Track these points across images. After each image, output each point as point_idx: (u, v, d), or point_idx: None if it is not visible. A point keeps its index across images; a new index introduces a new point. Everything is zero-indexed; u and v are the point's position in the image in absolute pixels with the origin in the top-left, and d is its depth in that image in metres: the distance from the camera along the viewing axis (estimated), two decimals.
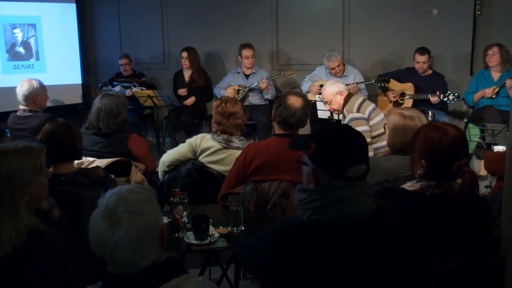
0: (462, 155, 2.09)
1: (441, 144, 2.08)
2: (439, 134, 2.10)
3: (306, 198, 1.67)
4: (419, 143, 2.16)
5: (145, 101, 6.11)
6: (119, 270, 1.45)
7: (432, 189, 2.09)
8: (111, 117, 3.60)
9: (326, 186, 1.67)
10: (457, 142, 2.09)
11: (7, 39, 6.50)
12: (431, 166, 2.09)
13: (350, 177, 1.65)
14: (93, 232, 1.44)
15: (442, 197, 2.05)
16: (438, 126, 2.18)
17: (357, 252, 1.65)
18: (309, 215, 1.66)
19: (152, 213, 1.48)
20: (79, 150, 2.85)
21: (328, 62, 5.88)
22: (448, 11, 5.96)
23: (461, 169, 2.06)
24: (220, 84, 6.48)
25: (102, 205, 1.46)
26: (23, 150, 1.94)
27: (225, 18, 6.82)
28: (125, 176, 3.37)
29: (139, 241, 1.42)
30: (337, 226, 1.63)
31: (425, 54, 5.65)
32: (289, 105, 3.00)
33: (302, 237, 1.63)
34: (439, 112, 5.44)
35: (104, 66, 7.49)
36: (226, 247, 2.56)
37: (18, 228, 1.79)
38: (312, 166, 1.70)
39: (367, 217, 1.67)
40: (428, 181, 2.11)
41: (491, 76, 5.48)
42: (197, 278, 1.52)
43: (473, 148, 5.28)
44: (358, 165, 1.67)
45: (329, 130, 1.79)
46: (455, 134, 2.10)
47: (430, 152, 2.10)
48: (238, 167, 3.05)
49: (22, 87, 4.24)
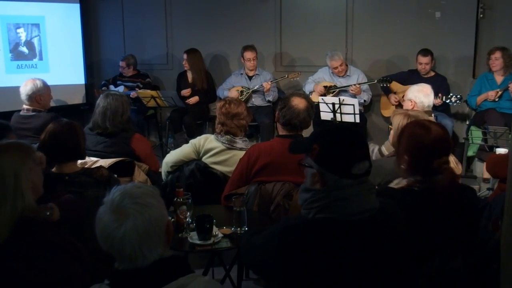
0: (442, 153, 2.16)
1: (423, 142, 2.17)
2: (422, 132, 2.20)
3: (311, 198, 1.70)
4: (404, 139, 2.25)
5: (148, 102, 6.12)
6: (127, 264, 1.46)
7: (419, 184, 2.17)
8: (117, 115, 3.60)
9: (332, 185, 1.69)
10: (438, 141, 2.17)
11: (10, 39, 6.51)
12: (413, 162, 2.18)
13: (355, 174, 1.68)
14: (100, 226, 1.46)
15: (431, 191, 2.12)
16: (424, 123, 2.27)
17: (363, 249, 1.66)
18: (315, 213, 1.68)
19: (158, 206, 1.50)
20: (82, 150, 2.86)
21: (331, 61, 5.91)
22: (451, 14, 5.97)
23: (441, 167, 2.13)
24: (223, 85, 6.49)
25: (108, 201, 1.48)
26: (17, 144, 2.04)
27: (229, 20, 6.82)
28: (128, 176, 3.39)
29: (146, 233, 1.44)
30: (342, 223, 1.65)
31: (427, 55, 5.66)
32: (293, 107, 3.01)
33: (309, 234, 1.65)
34: (441, 114, 5.45)
35: (107, 66, 7.50)
36: (230, 247, 2.57)
37: (16, 210, 1.85)
38: (317, 168, 1.72)
39: (372, 215, 1.69)
40: (414, 176, 2.19)
41: (494, 79, 5.48)
42: (204, 278, 1.53)
43: (475, 151, 5.29)
44: (362, 161, 1.70)
45: (329, 131, 1.83)
46: (437, 133, 2.19)
47: (412, 148, 2.20)
48: (241, 168, 3.06)
49: (25, 86, 4.25)
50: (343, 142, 1.72)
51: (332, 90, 5.90)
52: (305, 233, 1.65)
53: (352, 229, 1.66)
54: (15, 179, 1.90)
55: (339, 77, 6.01)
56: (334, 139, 1.74)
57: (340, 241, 1.65)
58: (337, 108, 5.11)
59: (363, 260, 1.66)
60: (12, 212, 1.85)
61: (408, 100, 3.74)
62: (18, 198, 1.87)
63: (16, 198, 1.87)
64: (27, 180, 1.95)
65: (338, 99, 5.15)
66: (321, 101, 5.26)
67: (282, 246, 1.66)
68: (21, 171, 1.93)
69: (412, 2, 6.12)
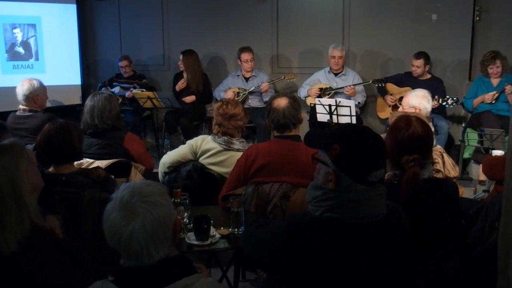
0: (414, 151, 2.19)
1: (399, 136, 2.24)
2: (403, 126, 2.27)
3: (321, 196, 1.69)
4: (388, 130, 2.34)
5: (145, 103, 6.10)
6: (133, 261, 1.46)
7: (398, 178, 2.22)
8: (105, 112, 3.60)
9: (346, 188, 1.68)
10: (413, 138, 2.23)
11: (6, 39, 6.50)
12: (390, 154, 2.21)
13: (370, 181, 1.67)
14: (108, 223, 1.45)
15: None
16: (408, 119, 2.33)
17: (365, 253, 1.67)
18: (322, 212, 1.68)
19: (167, 204, 1.50)
20: (78, 151, 2.85)
21: (333, 49, 5.95)
22: (447, 17, 5.99)
23: (407, 164, 2.17)
24: (220, 87, 6.49)
25: (116, 198, 1.47)
26: (7, 146, 1.96)
27: (225, 21, 6.83)
28: (124, 177, 3.38)
29: (154, 232, 1.43)
30: (348, 225, 1.65)
31: (420, 58, 5.67)
32: (275, 108, 3.04)
33: (315, 232, 1.65)
34: (437, 116, 5.46)
35: (104, 67, 7.49)
36: (227, 248, 2.57)
37: (23, 223, 1.79)
38: (333, 168, 1.70)
39: (378, 219, 1.69)
40: (393, 170, 2.26)
41: (490, 82, 5.50)
42: (207, 279, 1.52)
43: (471, 153, 5.31)
44: (379, 170, 1.69)
45: (353, 134, 1.76)
46: (415, 131, 2.25)
47: (389, 139, 2.27)
48: (239, 169, 3.07)
49: (22, 86, 4.24)
50: (366, 148, 1.69)
51: (328, 92, 5.91)
52: (311, 231, 1.65)
53: (357, 232, 1.66)
54: (13, 189, 1.81)
55: (336, 77, 6.03)
56: (357, 143, 1.70)
57: (343, 242, 1.65)
58: (333, 110, 5.12)
59: (364, 263, 1.67)
60: (19, 222, 1.79)
61: (411, 107, 3.71)
62: (22, 208, 1.82)
63: (20, 208, 1.81)
64: (26, 184, 1.89)
65: (334, 100, 5.15)
66: (318, 102, 5.27)
67: (286, 241, 1.66)
68: (18, 178, 1.85)
69: (409, 5, 6.13)
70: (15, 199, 1.80)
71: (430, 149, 2.40)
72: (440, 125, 5.37)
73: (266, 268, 1.90)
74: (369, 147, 1.70)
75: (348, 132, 1.79)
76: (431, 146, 2.44)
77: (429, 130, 2.36)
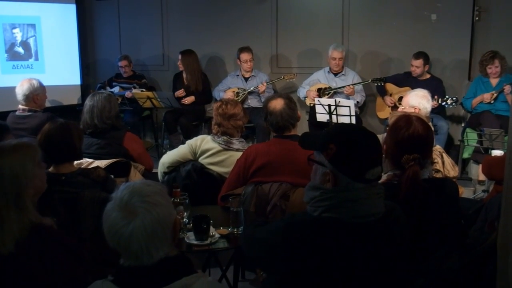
0: (414, 151, 2.19)
1: (399, 135, 2.24)
2: (403, 125, 2.26)
3: (319, 196, 1.69)
4: (388, 130, 2.33)
5: (144, 103, 6.11)
6: (133, 261, 1.45)
7: (398, 178, 2.21)
8: (105, 112, 3.60)
9: (343, 187, 1.69)
10: (414, 138, 2.23)
11: (6, 39, 6.50)
12: (389, 154, 2.24)
13: (368, 179, 1.68)
14: (108, 223, 1.45)
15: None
16: (409, 118, 2.33)
17: (365, 252, 1.67)
18: (321, 212, 1.68)
19: (166, 204, 1.50)
20: (78, 151, 2.84)
21: (333, 50, 5.94)
22: (446, 17, 5.99)
23: (408, 163, 2.17)
24: (220, 87, 6.49)
25: (116, 198, 1.47)
26: (19, 146, 1.96)
27: (225, 21, 6.83)
28: (124, 177, 3.38)
29: (153, 231, 1.43)
30: (348, 224, 1.66)
31: (419, 58, 5.68)
32: (272, 111, 3.06)
33: (314, 232, 1.65)
34: (437, 116, 5.46)
35: (103, 67, 7.49)
36: (227, 248, 2.57)
37: (22, 223, 1.79)
38: (330, 168, 1.71)
39: (377, 219, 1.69)
40: (394, 170, 2.25)
41: (489, 82, 5.51)
42: (207, 278, 1.52)
43: (471, 153, 5.31)
44: (376, 167, 1.70)
45: (348, 133, 1.77)
46: (416, 131, 2.24)
47: (390, 139, 2.27)
48: (239, 168, 3.07)
49: (22, 86, 4.24)
50: (362, 146, 1.70)
51: (327, 92, 5.91)
52: (309, 231, 1.66)
53: (355, 231, 1.66)
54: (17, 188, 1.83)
55: (335, 77, 6.03)
56: (353, 142, 1.71)
57: (342, 242, 1.65)
58: (333, 110, 5.12)
59: (363, 263, 1.67)
60: (18, 223, 1.79)
61: (410, 107, 3.70)
62: (22, 208, 1.82)
63: (20, 209, 1.81)
64: (30, 188, 1.90)
65: (334, 100, 5.15)
66: (317, 102, 5.27)
67: (285, 241, 1.66)
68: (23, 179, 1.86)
69: (408, 5, 6.13)
70: (16, 199, 1.80)
71: (430, 148, 2.40)
72: (440, 125, 5.37)
73: (266, 267, 1.90)
74: (365, 145, 1.71)
75: (343, 131, 1.80)
76: (432, 145, 2.44)
77: (429, 129, 2.36)
